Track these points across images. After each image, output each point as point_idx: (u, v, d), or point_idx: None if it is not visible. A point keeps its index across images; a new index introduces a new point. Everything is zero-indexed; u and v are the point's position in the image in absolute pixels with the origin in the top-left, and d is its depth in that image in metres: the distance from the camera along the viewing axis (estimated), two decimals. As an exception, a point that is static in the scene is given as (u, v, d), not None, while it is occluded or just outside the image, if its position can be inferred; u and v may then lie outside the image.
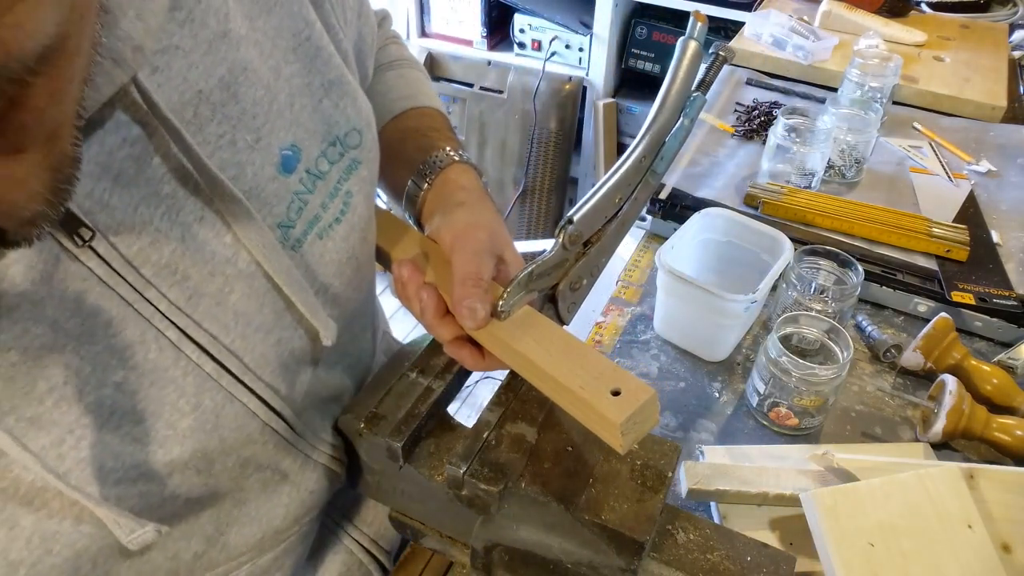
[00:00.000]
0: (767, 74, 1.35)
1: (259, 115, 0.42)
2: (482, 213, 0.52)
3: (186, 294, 0.41)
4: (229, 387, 0.44)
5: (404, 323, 2.48)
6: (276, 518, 0.53)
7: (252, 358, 0.45)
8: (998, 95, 1.25)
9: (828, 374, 0.69)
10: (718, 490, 0.61)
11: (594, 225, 0.47)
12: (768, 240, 0.82)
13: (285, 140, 0.44)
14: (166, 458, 0.42)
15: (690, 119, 0.47)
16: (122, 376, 0.39)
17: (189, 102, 0.39)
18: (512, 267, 0.51)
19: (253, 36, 0.42)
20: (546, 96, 2.12)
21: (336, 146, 0.47)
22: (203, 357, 0.42)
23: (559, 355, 0.44)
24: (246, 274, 0.43)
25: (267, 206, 0.44)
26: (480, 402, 2.06)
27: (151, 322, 0.40)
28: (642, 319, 0.87)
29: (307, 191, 0.46)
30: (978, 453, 0.72)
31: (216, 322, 0.42)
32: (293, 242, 0.46)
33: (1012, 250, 0.93)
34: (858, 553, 0.53)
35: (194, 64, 0.39)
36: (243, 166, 0.42)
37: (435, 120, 0.64)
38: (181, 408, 0.42)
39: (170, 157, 0.38)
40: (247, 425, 0.46)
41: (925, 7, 1.60)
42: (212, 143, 0.40)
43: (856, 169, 1.06)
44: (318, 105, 0.46)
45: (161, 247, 0.39)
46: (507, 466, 0.46)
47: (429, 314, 0.49)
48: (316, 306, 0.47)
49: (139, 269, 0.38)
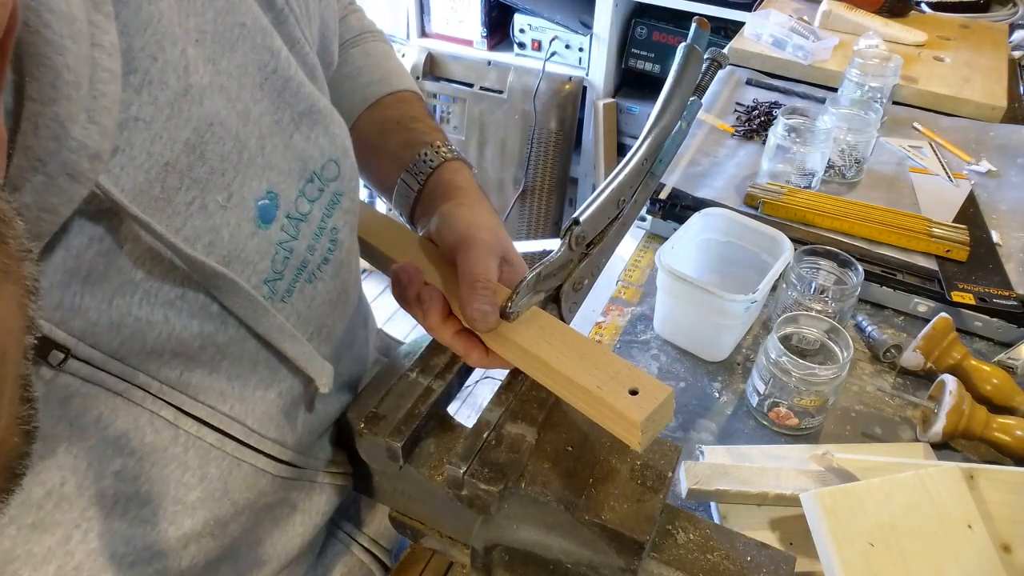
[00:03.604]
0: (767, 74, 1.35)
1: (228, 171, 0.39)
2: (482, 214, 0.51)
3: (176, 372, 0.39)
4: (235, 453, 0.43)
5: (404, 323, 2.48)
6: (293, 548, 0.53)
7: (254, 419, 0.44)
8: (998, 95, 1.25)
9: (828, 374, 0.69)
10: (718, 490, 0.61)
11: (598, 226, 0.48)
12: (768, 240, 0.82)
13: (259, 189, 0.40)
14: (178, 533, 0.41)
15: (687, 123, 0.48)
16: (120, 464, 0.38)
17: (156, 178, 0.35)
18: (515, 268, 0.50)
19: (217, 81, 0.38)
20: (546, 96, 2.12)
21: (314, 182, 0.44)
22: (203, 429, 0.41)
23: (572, 355, 0.44)
24: (236, 339, 0.41)
25: (250, 265, 0.40)
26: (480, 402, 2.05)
27: (143, 406, 0.38)
28: (642, 319, 0.87)
29: (291, 238, 0.43)
30: (978, 453, 0.72)
31: (212, 392, 0.41)
32: (282, 294, 0.43)
33: (1012, 250, 0.93)
34: (858, 553, 0.53)
35: (157, 135, 0.35)
36: (218, 229, 0.38)
37: (414, 107, 0.61)
38: (187, 482, 0.41)
39: (140, 242, 0.35)
40: (257, 483, 0.46)
41: (925, 7, 1.60)
42: (182, 213, 0.37)
43: (856, 169, 1.06)
44: (289, 142, 0.43)
45: (144, 335, 0.37)
46: (507, 466, 0.46)
47: (432, 317, 0.48)
48: (311, 355, 0.45)
49: (124, 360, 0.37)
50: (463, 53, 2.20)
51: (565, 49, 2.10)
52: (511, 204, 2.24)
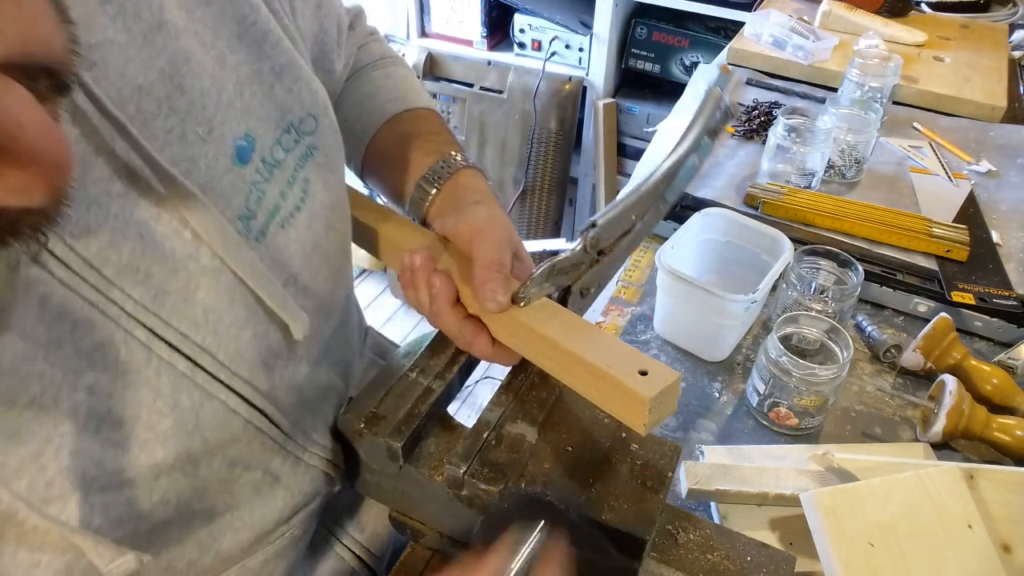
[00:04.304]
0: (767, 74, 1.35)
1: (208, 105, 0.41)
2: (497, 212, 0.54)
3: (151, 292, 0.40)
4: (205, 384, 0.43)
5: (404, 323, 2.48)
6: (269, 522, 0.53)
7: (226, 354, 0.44)
8: (998, 95, 1.25)
9: (828, 374, 0.69)
10: (718, 490, 0.61)
11: (611, 236, 0.49)
12: (768, 240, 0.82)
13: (238, 130, 0.43)
14: (149, 461, 0.41)
15: (700, 159, 0.51)
16: (93, 379, 0.38)
17: (130, 97, 0.38)
18: (524, 264, 0.52)
19: (192, 27, 0.41)
20: (546, 96, 2.12)
21: (291, 133, 0.46)
22: (175, 355, 0.41)
23: (582, 337, 0.45)
24: (210, 269, 0.42)
25: (225, 198, 0.43)
26: (480, 402, 2.06)
27: (118, 323, 0.39)
28: (642, 319, 0.87)
29: (264, 180, 0.45)
30: (978, 453, 0.72)
31: (185, 319, 0.42)
32: (256, 233, 0.45)
33: (1012, 250, 0.93)
34: (858, 553, 0.53)
35: (130, 59, 0.38)
36: (196, 159, 0.41)
37: (432, 123, 0.64)
38: (159, 409, 0.41)
39: (116, 156, 0.37)
40: (229, 423, 0.46)
41: (925, 7, 1.60)
42: (161, 138, 0.39)
43: (856, 169, 1.06)
44: (270, 91, 0.45)
45: (120, 246, 0.38)
46: (507, 466, 0.46)
47: (441, 300, 0.49)
48: (285, 298, 0.46)
49: (100, 270, 0.38)
50: (463, 53, 2.20)
51: (565, 49, 2.10)
52: (511, 204, 2.24)
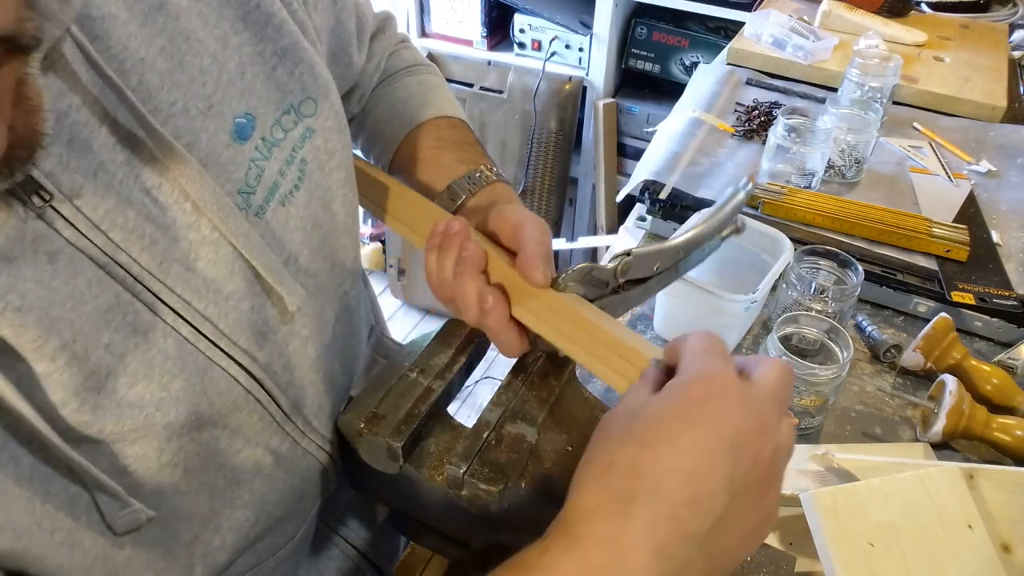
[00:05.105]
0: (767, 74, 1.35)
1: (208, 83, 0.42)
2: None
3: (157, 259, 0.41)
4: (207, 351, 0.44)
5: (403, 323, 2.48)
6: (268, 503, 0.53)
7: (226, 324, 0.45)
8: (998, 95, 1.26)
9: (828, 374, 0.69)
10: (718, 490, 0.61)
11: (637, 273, 0.50)
12: (768, 240, 0.82)
13: (238, 108, 0.44)
14: (164, 420, 0.42)
15: (708, 252, 0.54)
16: (108, 338, 0.39)
17: (132, 69, 0.39)
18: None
19: (195, 7, 0.42)
20: (546, 96, 2.12)
21: (291, 114, 0.48)
22: (179, 321, 0.42)
23: (608, 321, 0.47)
24: (210, 240, 0.43)
25: (225, 172, 0.44)
26: (480, 402, 2.06)
27: (124, 285, 0.40)
28: (642, 319, 0.87)
29: (263, 158, 0.46)
30: (978, 453, 0.72)
31: (188, 287, 0.43)
32: (256, 208, 0.46)
33: (1012, 250, 0.93)
34: (858, 553, 0.53)
35: (132, 34, 0.39)
36: (197, 133, 0.42)
37: (467, 134, 0.67)
38: (170, 369, 0.42)
39: (119, 125, 0.39)
40: (230, 390, 0.46)
41: (925, 7, 1.60)
42: (164, 111, 0.40)
43: (856, 169, 1.06)
44: (271, 73, 0.46)
45: (126, 211, 0.39)
46: (507, 466, 0.46)
47: (469, 264, 0.48)
48: (282, 272, 0.47)
49: (107, 233, 0.38)
50: (463, 53, 2.20)
51: (565, 49, 2.10)
52: (511, 204, 2.24)
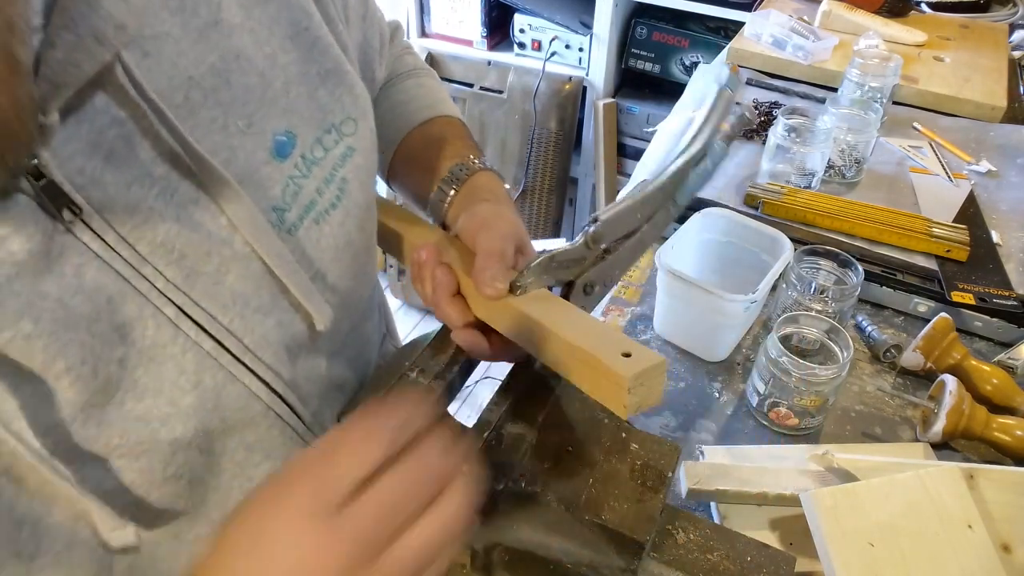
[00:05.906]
0: (767, 74, 1.35)
1: (251, 101, 0.43)
2: (505, 209, 0.55)
3: (183, 273, 0.41)
4: (229, 367, 0.44)
5: (404, 323, 2.48)
6: None
7: (252, 339, 0.45)
8: (998, 95, 1.25)
9: (828, 374, 0.69)
10: (718, 490, 0.61)
11: (615, 233, 0.49)
12: (768, 240, 0.82)
13: (279, 126, 0.45)
14: (169, 436, 0.42)
15: (714, 164, 0.51)
16: (123, 353, 0.40)
17: (179, 87, 0.40)
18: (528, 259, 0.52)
19: (248, 24, 0.43)
20: (546, 96, 2.11)
21: (331, 133, 0.48)
22: (201, 335, 0.42)
23: (572, 323, 0.46)
24: (241, 256, 0.43)
25: (261, 189, 0.44)
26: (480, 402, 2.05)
27: (148, 298, 0.40)
28: (642, 319, 0.87)
29: (302, 176, 0.47)
30: (978, 453, 0.72)
31: (214, 302, 0.43)
32: (289, 226, 0.46)
33: (1012, 250, 0.93)
34: (858, 553, 0.53)
35: (184, 51, 0.40)
36: (235, 150, 0.43)
37: (457, 129, 0.67)
38: (182, 386, 0.42)
39: (160, 140, 0.39)
40: (249, 406, 0.46)
41: (925, 7, 1.60)
42: (204, 127, 0.41)
43: (856, 169, 1.06)
44: (314, 93, 0.47)
45: (156, 226, 0.39)
46: (507, 466, 0.46)
47: (441, 291, 0.50)
48: (311, 290, 0.47)
49: (134, 246, 0.39)
50: (463, 53, 2.20)
51: (565, 49, 2.10)
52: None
